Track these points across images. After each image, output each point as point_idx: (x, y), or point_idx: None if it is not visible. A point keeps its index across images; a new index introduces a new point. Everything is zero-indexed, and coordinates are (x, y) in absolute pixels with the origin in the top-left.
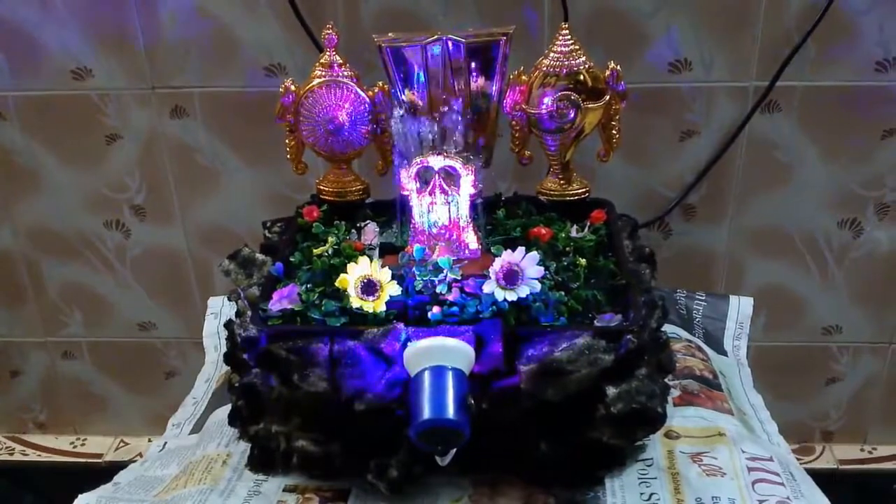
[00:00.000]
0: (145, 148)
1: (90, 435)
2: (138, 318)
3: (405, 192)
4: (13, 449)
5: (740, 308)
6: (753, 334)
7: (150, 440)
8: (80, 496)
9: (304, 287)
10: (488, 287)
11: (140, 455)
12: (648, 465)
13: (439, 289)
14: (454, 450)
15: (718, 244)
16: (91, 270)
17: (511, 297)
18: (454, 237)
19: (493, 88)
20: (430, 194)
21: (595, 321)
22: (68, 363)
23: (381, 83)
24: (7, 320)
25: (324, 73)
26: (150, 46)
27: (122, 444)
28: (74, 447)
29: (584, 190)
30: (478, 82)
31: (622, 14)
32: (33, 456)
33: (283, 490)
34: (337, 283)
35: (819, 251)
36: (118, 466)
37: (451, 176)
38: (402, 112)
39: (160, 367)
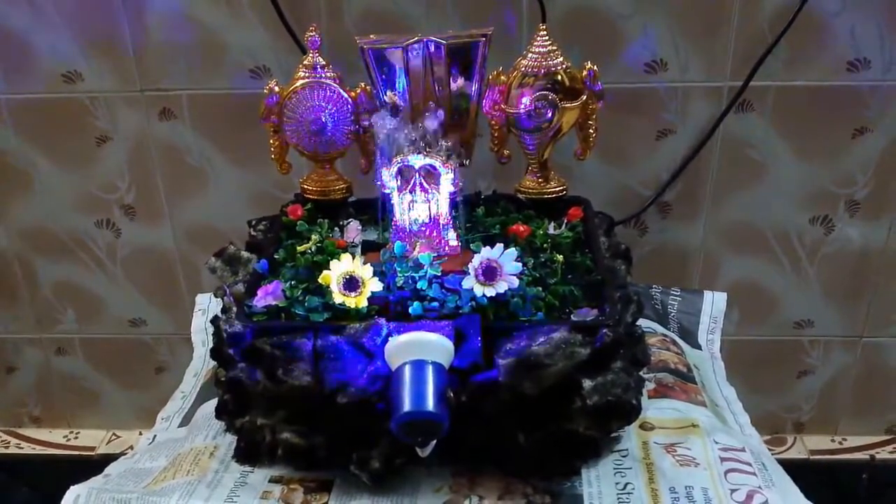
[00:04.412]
0: (135, 149)
1: (83, 429)
2: (129, 314)
3: (387, 191)
4: (9, 442)
5: (714, 303)
6: (727, 328)
7: (140, 433)
8: (71, 488)
9: (288, 284)
10: (467, 283)
11: (131, 448)
12: (624, 456)
13: (420, 285)
14: (434, 441)
15: (693, 241)
16: (83, 269)
17: (490, 292)
18: (434, 234)
19: (473, 88)
20: (411, 192)
21: (572, 316)
22: (62, 359)
23: (363, 84)
24: (2, 318)
25: (307, 75)
26: (138, 50)
27: (114, 438)
28: (68, 440)
29: (561, 188)
30: (458, 83)
31: (599, 15)
32: (28, 449)
33: (269, 481)
34: (320, 280)
35: (791, 247)
36: (110, 459)
37: (431, 174)
38: (384, 112)
39: (150, 362)
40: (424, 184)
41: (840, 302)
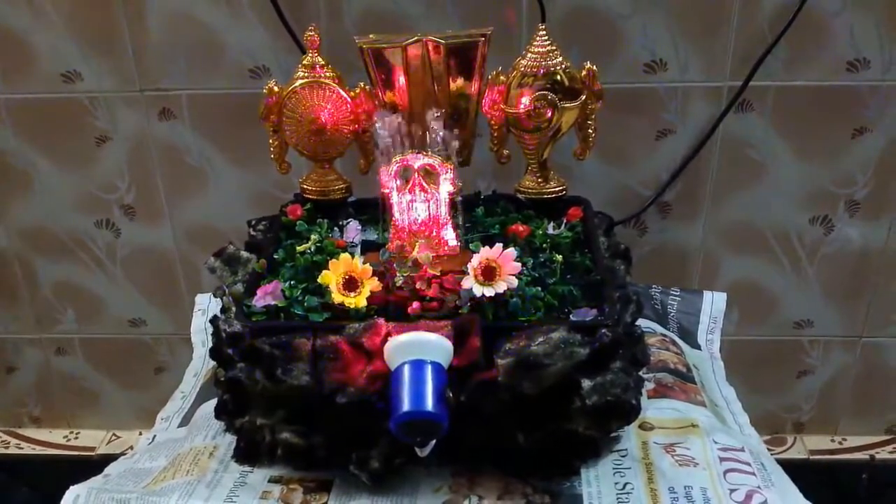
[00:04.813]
0: (134, 149)
1: (83, 429)
2: (129, 314)
3: (386, 191)
4: (9, 442)
5: (714, 303)
6: (727, 328)
7: (140, 433)
8: (71, 488)
9: (287, 283)
10: (467, 283)
11: (131, 448)
12: (623, 456)
13: (419, 284)
14: (433, 441)
15: (693, 241)
16: (83, 269)
17: (489, 292)
18: (434, 234)
19: (472, 88)
20: (410, 192)
21: (571, 316)
22: (62, 359)
23: (362, 84)
24: (2, 318)
25: (306, 75)
26: (138, 50)
27: (113, 438)
28: (68, 440)
29: (561, 188)
30: (457, 82)
31: (598, 15)
32: (28, 449)
33: (268, 481)
34: (319, 280)
35: (791, 247)
36: (110, 459)
37: (430, 174)
38: (383, 112)
39: (150, 362)
40: (424, 183)
41: (840, 302)
